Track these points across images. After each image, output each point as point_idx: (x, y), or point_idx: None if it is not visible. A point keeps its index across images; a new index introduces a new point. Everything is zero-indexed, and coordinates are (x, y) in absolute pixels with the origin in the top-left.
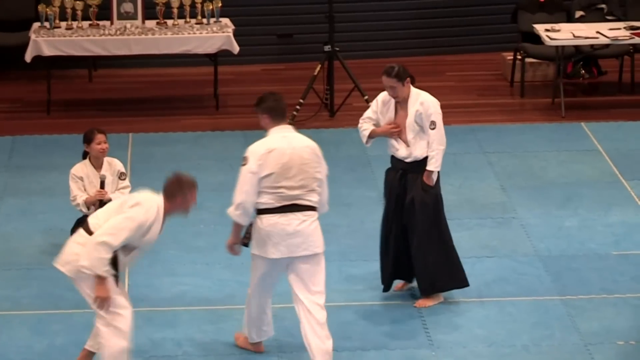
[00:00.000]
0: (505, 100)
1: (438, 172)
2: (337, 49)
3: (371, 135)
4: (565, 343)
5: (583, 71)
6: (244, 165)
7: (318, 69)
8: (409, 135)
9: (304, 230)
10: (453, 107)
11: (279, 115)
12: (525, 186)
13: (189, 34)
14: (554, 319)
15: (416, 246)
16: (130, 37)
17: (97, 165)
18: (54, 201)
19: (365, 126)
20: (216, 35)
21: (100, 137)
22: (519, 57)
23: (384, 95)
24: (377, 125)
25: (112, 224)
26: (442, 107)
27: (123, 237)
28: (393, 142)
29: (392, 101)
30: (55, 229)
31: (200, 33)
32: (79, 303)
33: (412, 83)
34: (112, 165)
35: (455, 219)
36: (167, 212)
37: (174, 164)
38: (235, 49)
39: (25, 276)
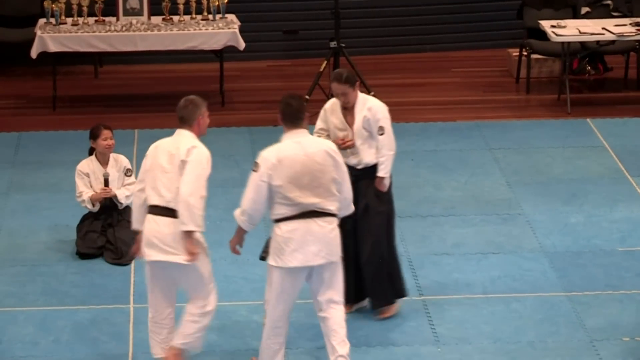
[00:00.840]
0: (511, 96)
1: (391, 177)
2: (343, 45)
3: None
4: (571, 339)
5: (589, 67)
6: (254, 171)
7: (324, 65)
8: (357, 142)
9: (323, 238)
10: (458, 104)
11: (288, 119)
12: (531, 182)
13: (195, 30)
14: (559, 315)
15: (370, 253)
16: (136, 33)
17: (103, 162)
18: (60, 197)
19: None
20: (222, 32)
21: (106, 133)
22: (525, 53)
23: (331, 103)
24: (329, 135)
25: (193, 176)
26: (447, 103)
27: (205, 180)
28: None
29: (338, 108)
30: (61, 225)
31: (206, 29)
32: (85, 299)
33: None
34: (118, 161)
35: (461, 215)
36: (197, 136)
37: None
38: (241, 45)
39: (30, 272)
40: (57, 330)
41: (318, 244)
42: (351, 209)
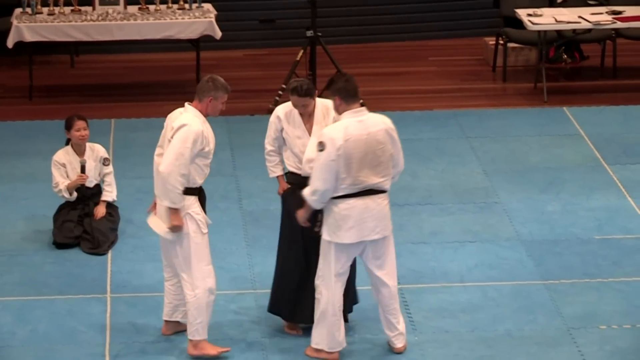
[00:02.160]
0: (488, 85)
1: None
2: (320, 34)
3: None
4: (548, 327)
5: (565, 56)
6: (321, 150)
7: (300, 54)
8: None
9: (378, 214)
10: (435, 92)
11: (350, 96)
12: (508, 171)
13: (171, 19)
14: (536, 304)
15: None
16: (112, 22)
17: (79, 152)
18: (37, 187)
19: (272, 165)
20: (198, 21)
21: (79, 123)
22: (502, 42)
23: (284, 109)
24: (280, 146)
25: (173, 154)
26: (424, 92)
27: (186, 158)
28: (293, 158)
29: (294, 112)
30: (38, 215)
31: (183, 18)
32: (62, 289)
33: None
34: (95, 150)
35: (438, 204)
36: (203, 114)
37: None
38: (218, 34)
39: (7, 262)
40: (34, 320)
41: (374, 220)
42: (396, 179)
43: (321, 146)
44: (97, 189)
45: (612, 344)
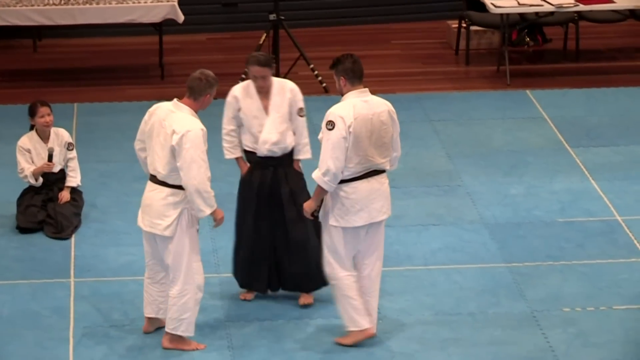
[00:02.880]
0: (451, 68)
1: None
2: (283, 17)
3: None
4: (512, 310)
5: (528, 39)
6: (331, 129)
7: (263, 37)
8: (282, 126)
9: (383, 193)
10: (398, 76)
11: (356, 77)
12: (471, 154)
13: (134, 3)
14: (500, 287)
15: (303, 235)
16: (74, 6)
17: (44, 137)
18: (0, 172)
19: (231, 146)
20: (161, 4)
21: (43, 110)
22: (464, 25)
23: (239, 89)
24: (239, 125)
25: (195, 165)
26: (387, 75)
27: (206, 161)
28: (250, 137)
29: (251, 91)
30: (1, 200)
31: (145, 2)
32: (26, 274)
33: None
34: (59, 135)
35: (402, 188)
36: (196, 111)
37: (119, 133)
38: (180, 18)
39: None
40: None
41: (381, 200)
42: (395, 166)
43: (330, 125)
44: (62, 174)
45: (576, 326)
